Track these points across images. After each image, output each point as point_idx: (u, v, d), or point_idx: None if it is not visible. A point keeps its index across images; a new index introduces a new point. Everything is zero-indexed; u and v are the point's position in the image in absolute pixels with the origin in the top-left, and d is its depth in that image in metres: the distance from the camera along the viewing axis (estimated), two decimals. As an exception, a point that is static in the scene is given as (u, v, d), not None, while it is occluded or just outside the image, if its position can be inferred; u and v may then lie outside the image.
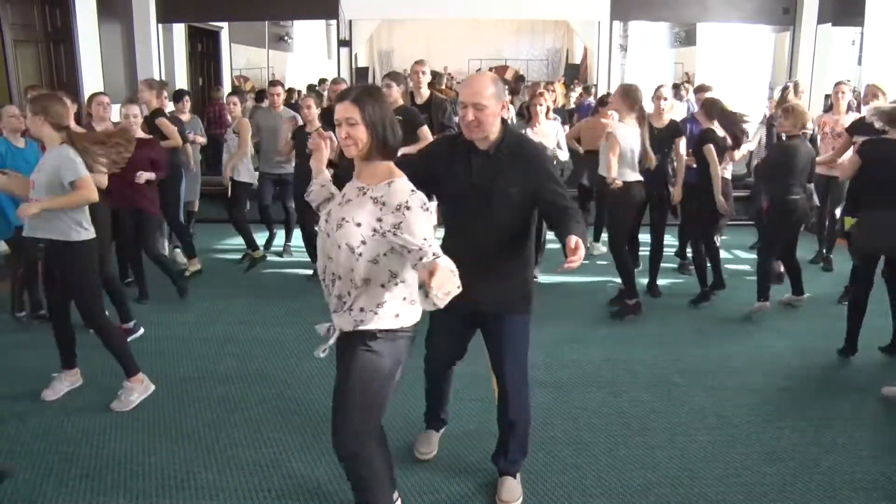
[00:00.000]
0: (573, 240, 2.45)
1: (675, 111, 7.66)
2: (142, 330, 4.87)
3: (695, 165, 5.58)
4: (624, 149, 5.14)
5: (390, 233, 2.29)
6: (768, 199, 5.28)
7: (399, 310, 2.42)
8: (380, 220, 2.30)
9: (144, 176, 5.14)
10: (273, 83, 7.14)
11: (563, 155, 6.13)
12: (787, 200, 5.04)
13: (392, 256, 2.35)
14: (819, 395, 4.09)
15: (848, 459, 3.38)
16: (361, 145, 2.34)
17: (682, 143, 5.77)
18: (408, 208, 2.28)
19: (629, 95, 5.24)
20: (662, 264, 5.99)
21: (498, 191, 2.77)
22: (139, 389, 3.93)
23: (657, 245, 5.87)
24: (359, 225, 2.33)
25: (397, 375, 2.50)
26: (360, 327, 2.40)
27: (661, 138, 5.62)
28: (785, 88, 6.82)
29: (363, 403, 2.44)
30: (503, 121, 2.82)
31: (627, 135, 5.18)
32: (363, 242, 2.33)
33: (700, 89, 7.05)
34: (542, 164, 2.83)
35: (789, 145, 5.11)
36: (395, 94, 5.54)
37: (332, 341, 2.45)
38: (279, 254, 7.06)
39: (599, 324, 5.19)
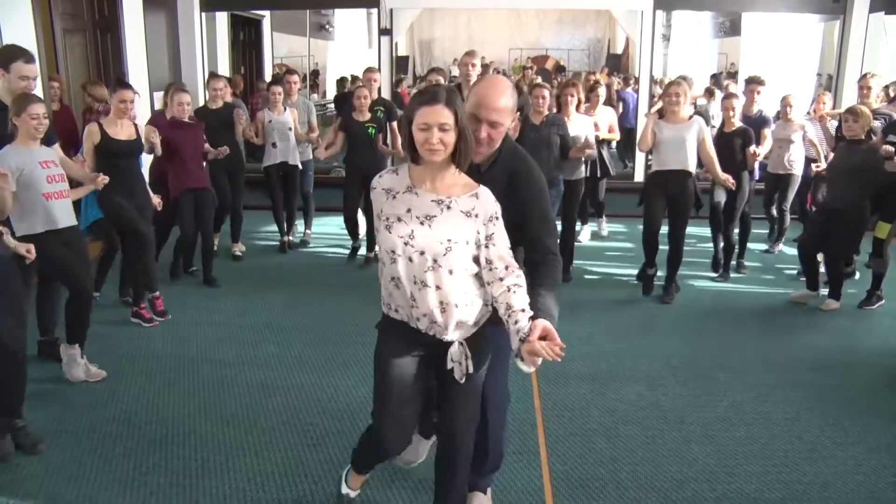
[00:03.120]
0: (539, 327, 2.08)
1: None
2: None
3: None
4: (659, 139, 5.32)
5: (484, 246, 2.23)
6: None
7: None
8: (478, 232, 2.21)
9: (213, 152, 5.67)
10: (289, 71, 7.34)
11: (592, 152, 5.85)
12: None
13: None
14: (863, 394, 4.00)
15: (892, 461, 3.31)
16: (448, 151, 2.16)
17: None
18: (497, 218, 2.23)
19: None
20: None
21: None
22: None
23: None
24: (468, 243, 2.21)
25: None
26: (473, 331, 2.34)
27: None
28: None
29: None
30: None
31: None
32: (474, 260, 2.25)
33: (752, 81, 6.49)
34: (535, 194, 2.42)
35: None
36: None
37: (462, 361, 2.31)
38: (300, 243, 7.11)
39: (638, 317, 5.15)
